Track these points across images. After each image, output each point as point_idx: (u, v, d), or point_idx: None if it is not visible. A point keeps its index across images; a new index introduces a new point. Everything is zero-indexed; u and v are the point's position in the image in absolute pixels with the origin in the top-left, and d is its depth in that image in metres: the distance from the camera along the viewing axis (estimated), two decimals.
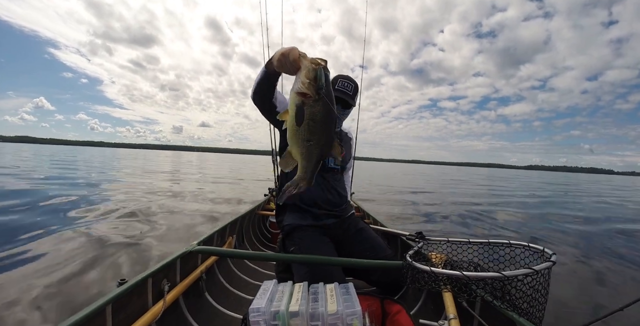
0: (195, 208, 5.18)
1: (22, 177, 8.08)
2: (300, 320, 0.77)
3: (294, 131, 0.82)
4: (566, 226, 4.45)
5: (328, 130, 0.84)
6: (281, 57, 0.85)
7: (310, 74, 0.76)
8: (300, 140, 0.82)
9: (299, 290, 0.88)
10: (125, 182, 8.49)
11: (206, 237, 1.66)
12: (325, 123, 0.82)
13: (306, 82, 0.76)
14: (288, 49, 0.85)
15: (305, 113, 0.78)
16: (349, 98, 1.42)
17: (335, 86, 1.40)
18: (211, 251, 1.46)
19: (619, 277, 2.35)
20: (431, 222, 4.61)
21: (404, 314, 0.91)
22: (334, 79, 1.43)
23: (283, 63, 0.85)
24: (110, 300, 0.93)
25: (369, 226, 1.59)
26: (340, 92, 1.40)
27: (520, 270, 0.86)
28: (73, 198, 5.44)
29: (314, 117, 0.79)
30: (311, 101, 0.77)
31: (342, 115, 1.50)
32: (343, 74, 1.47)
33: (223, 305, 1.48)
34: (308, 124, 0.79)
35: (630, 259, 2.85)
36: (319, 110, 0.79)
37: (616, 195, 13.64)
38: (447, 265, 1.23)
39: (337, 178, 1.55)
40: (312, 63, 0.78)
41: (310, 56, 0.79)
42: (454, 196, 8.37)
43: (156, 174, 12.20)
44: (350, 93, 1.42)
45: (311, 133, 0.81)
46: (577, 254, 2.97)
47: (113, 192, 6.54)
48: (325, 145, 0.86)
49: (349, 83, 1.42)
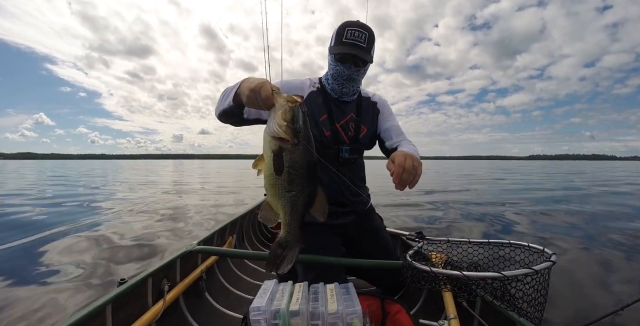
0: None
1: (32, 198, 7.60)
2: (300, 319, 0.77)
3: (272, 181, 0.72)
4: (569, 224, 4.43)
5: (311, 178, 0.74)
6: (251, 93, 0.74)
7: (287, 115, 0.67)
8: (280, 191, 0.72)
9: (299, 289, 0.88)
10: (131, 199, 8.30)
11: (206, 236, 1.66)
12: (308, 171, 0.72)
13: (283, 124, 0.67)
14: (259, 83, 0.74)
15: (284, 160, 0.69)
16: (362, 53, 1.10)
17: (343, 38, 1.09)
18: (211, 251, 1.47)
19: (620, 277, 2.36)
20: (432, 221, 4.61)
21: (404, 314, 0.91)
22: (341, 28, 1.10)
23: (253, 100, 0.75)
24: (110, 300, 0.93)
25: (383, 225, 1.46)
26: (349, 45, 1.09)
27: (520, 270, 0.87)
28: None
29: (294, 164, 0.70)
30: (290, 146, 0.68)
31: (357, 75, 1.17)
32: (352, 20, 1.12)
33: (223, 305, 1.48)
34: (288, 172, 0.70)
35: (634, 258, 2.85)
36: (299, 156, 0.70)
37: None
38: (447, 265, 1.23)
39: (355, 167, 1.32)
40: (288, 101, 0.68)
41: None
42: (459, 194, 8.34)
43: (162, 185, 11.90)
44: (364, 45, 1.09)
45: (292, 183, 0.71)
46: (578, 253, 2.97)
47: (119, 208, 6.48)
48: (310, 195, 0.75)
49: (360, 33, 1.08)
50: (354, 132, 1.25)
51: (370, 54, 1.13)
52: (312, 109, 1.20)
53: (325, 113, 1.22)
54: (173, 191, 9.08)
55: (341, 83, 1.18)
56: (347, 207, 1.30)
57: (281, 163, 0.69)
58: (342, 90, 1.21)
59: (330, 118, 1.22)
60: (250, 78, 0.82)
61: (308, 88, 1.24)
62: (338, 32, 1.11)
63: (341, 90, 1.21)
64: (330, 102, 1.24)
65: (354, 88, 1.23)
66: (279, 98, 0.69)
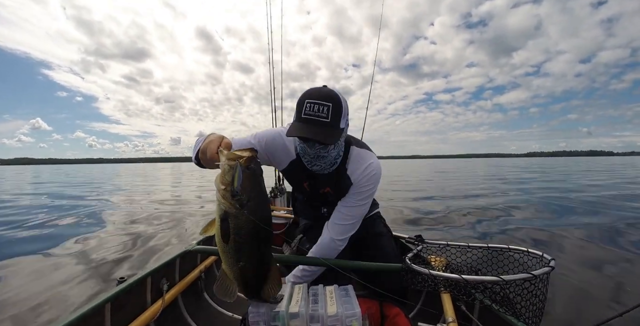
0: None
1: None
2: (300, 321, 0.77)
3: (220, 248, 0.67)
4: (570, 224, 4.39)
5: (259, 246, 0.68)
6: (202, 155, 0.69)
7: (226, 177, 0.61)
8: (230, 261, 0.67)
9: (298, 291, 0.88)
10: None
11: (206, 236, 1.66)
12: (256, 238, 0.66)
13: (221, 188, 0.61)
14: (206, 143, 0.69)
15: (230, 228, 0.63)
16: (322, 132, 0.91)
17: (302, 113, 0.92)
18: (211, 251, 1.46)
19: (619, 282, 2.35)
20: (433, 225, 4.59)
21: (403, 317, 0.91)
22: (300, 100, 0.94)
23: (206, 162, 0.70)
24: (109, 299, 0.93)
25: (388, 232, 1.41)
26: (308, 123, 0.91)
27: (519, 274, 0.87)
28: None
29: (240, 230, 0.64)
30: (234, 210, 0.62)
31: (325, 153, 1.00)
32: (314, 88, 0.95)
33: (221, 305, 1.47)
34: (235, 241, 0.64)
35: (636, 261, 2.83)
36: (244, 222, 0.63)
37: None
38: (447, 269, 1.23)
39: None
40: (229, 159, 0.61)
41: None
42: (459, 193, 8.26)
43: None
44: (327, 119, 0.91)
45: (240, 252, 0.66)
46: (579, 257, 2.97)
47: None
48: (261, 266, 0.70)
49: (321, 106, 0.90)
50: (334, 197, 1.18)
51: (338, 128, 0.94)
52: (294, 174, 1.18)
53: (306, 181, 1.18)
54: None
55: (309, 161, 1.05)
56: None
57: (227, 230, 0.63)
58: (312, 167, 1.08)
59: (310, 186, 1.19)
60: (209, 136, 0.76)
61: (294, 152, 1.12)
62: (298, 104, 0.94)
63: (311, 167, 1.08)
64: (311, 173, 1.13)
65: (326, 165, 1.06)
66: (221, 157, 0.63)
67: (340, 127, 0.95)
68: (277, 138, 1.11)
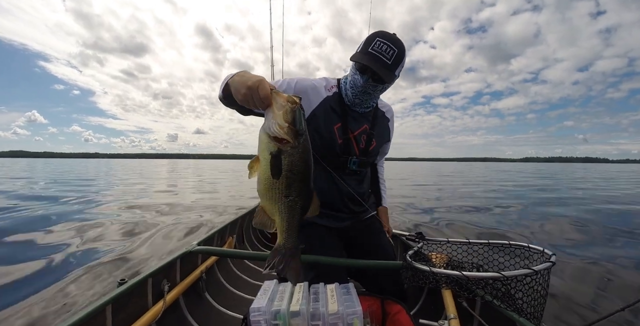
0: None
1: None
2: (301, 319, 0.77)
3: (268, 185, 0.68)
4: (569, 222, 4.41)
5: (310, 181, 0.71)
6: (247, 91, 0.70)
7: (289, 116, 0.64)
8: (277, 195, 0.69)
9: (299, 289, 0.88)
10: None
11: (206, 237, 1.66)
12: (307, 174, 0.70)
13: (285, 126, 0.64)
14: (256, 81, 0.69)
15: (282, 163, 0.66)
16: (382, 70, 0.98)
17: (369, 48, 0.98)
18: (211, 252, 1.47)
19: (621, 277, 2.36)
20: (434, 224, 4.60)
21: (404, 314, 0.91)
22: (371, 37, 1.00)
23: (249, 98, 0.71)
24: (110, 300, 0.93)
25: (384, 231, 1.40)
26: (372, 57, 0.98)
27: (520, 270, 0.87)
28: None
29: (294, 167, 0.66)
30: (289, 148, 0.65)
31: (372, 91, 1.08)
32: (387, 32, 1.00)
33: (223, 305, 1.48)
34: (287, 176, 0.67)
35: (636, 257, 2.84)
36: (299, 159, 0.67)
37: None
38: (448, 266, 1.23)
39: (361, 177, 1.28)
40: (289, 102, 0.65)
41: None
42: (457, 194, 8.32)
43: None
44: (389, 62, 0.98)
45: (290, 188, 0.68)
46: (579, 252, 2.97)
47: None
48: (308, 200, 0.73)
49: (389, 48, 0.96)
50: (365, 144, 1.21)
51: (394, 73, 1.02)
52: (326, 114, 1.14)
53: (340, 122, 1.16)
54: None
55: (355, 93, 1.11)
56: (349, 214, 1.27)
57: (279, 166, 0.65)
58: (354, 100, 1.14)
59: (344, 127, 1.16)
60: (246, 73, 0.76)
61: (324, 92, 1.17)
62: (367, 40, 1.01)
63: (354, 100, 1.14)
64: (347, 109, 1.17)
65: (368, 103, 1.16)
66: (278, 98, 0.66)
67: (395, 73, 1.03)
68: (306, 79, 1.17)
